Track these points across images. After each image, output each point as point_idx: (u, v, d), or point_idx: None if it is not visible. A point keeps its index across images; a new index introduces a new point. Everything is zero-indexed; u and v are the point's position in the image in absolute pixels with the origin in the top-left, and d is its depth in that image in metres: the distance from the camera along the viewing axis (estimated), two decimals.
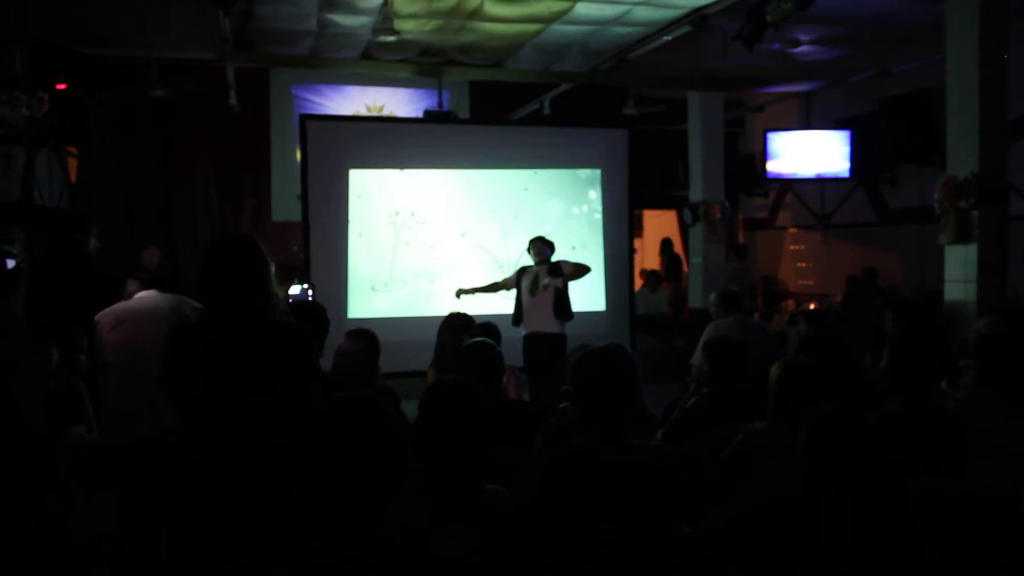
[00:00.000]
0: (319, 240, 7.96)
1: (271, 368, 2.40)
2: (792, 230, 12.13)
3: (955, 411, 2.91)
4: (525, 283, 6.59)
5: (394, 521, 1.75)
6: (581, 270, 6.67)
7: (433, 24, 7.42)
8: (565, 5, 6.86)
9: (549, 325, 6.44)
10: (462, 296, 6.77)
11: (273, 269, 2.57)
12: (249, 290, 2.44)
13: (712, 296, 5.90)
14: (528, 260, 6.77)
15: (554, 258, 6.61)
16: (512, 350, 6.11)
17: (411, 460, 1.80)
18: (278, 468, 2.28)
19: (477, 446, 2.09)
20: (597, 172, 8.75)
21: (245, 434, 2.35)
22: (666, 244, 13.13)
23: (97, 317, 4.12)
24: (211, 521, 2.33)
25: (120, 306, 4.20)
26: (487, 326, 4.66)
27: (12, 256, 4.62)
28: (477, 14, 7.07)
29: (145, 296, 4.21)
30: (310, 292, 5.26)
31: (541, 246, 6.61)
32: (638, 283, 10.96)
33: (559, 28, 7.49)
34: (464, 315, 4.74)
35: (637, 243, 12.06)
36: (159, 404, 3.76)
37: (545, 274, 6.51)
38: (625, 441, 2.23)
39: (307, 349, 2.51)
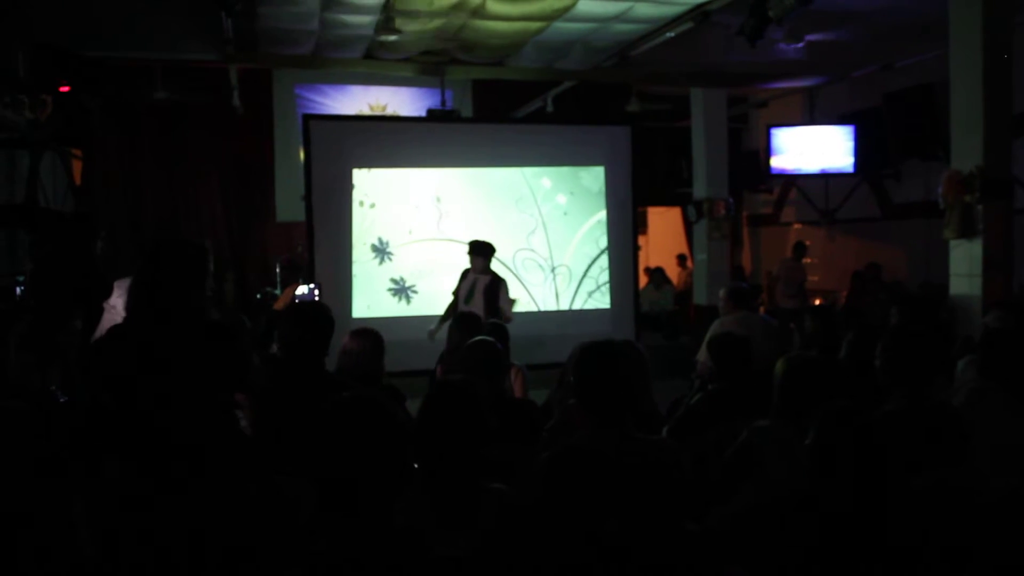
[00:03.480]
0: (323, 239, 7.97)
1: (195, 367, 2.48)
2: (797, 226, 12.11)
3: (960, 405, 2.90)
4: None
5: (397, 521, 1.75)
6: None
7: (435, 23, 7.42)
8: (567, 2, 6.85)
9: None
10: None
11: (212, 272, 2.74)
12: (185, 294, 2.57)
13: (721, 292, 5.90)
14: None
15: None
16: (521, 350, 6.13)
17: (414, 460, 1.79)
18: (194, 464, 2.38)
19: (478, 445, 2.09)
20: (600, 169, 8.74)
21: (165, 428, 2.42)
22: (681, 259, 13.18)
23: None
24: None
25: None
26: (495, 326, 4.67)
27: (20, 285, 4.65)
28: (479, 12, 7.07)
29: None
30: (316, 292, 5.27)
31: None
32: (642, 280, 10.95)
33: (561, 25, 7.48)
34: (473, 314, 4.73)
35: (642, 240, 12.05)
36: None
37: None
38: (627, 433, 2.23)
39: (231, 352, 2.60)
